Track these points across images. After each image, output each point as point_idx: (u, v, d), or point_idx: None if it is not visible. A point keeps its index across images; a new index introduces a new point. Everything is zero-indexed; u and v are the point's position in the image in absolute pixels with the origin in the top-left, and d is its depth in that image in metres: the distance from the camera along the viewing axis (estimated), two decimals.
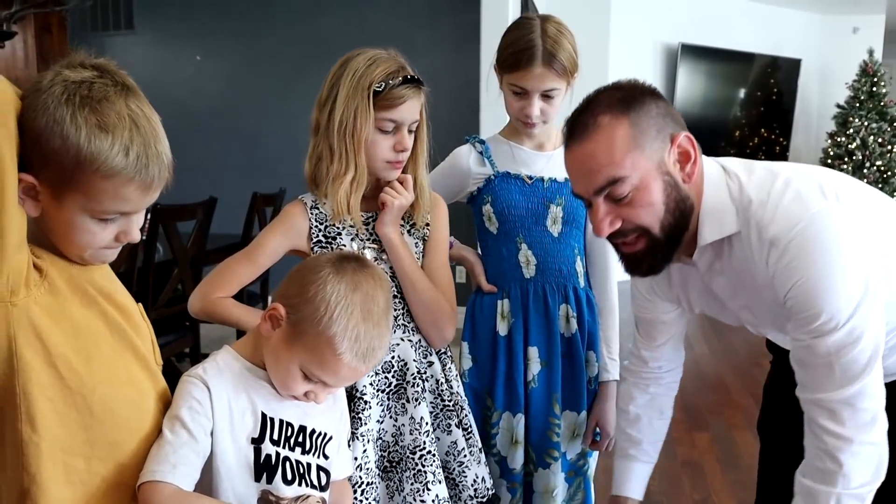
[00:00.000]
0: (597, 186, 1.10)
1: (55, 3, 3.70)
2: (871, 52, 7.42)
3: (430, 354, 1.45)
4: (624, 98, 1.12)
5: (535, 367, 1.63)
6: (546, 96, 1.55)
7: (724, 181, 1.17)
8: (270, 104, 5.14)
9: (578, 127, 1.12)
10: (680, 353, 1.50)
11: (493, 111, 1.75)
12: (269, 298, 1.46)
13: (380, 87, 1.32)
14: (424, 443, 1.37)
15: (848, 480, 1.09)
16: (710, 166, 1.20)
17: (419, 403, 1.39)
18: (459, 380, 1.52)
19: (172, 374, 1.06)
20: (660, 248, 1.14)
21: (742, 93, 7.43)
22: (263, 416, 1.06)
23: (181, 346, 3.29)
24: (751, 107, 7.48)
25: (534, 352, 1.63)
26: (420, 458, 1.37)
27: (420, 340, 1.43)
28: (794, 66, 7.55)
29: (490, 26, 4.11)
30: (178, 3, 5.26)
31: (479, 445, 1.49)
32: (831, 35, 7.66)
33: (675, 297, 1.38)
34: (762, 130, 7.63)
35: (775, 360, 1.59)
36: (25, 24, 5.16)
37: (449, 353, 1.50)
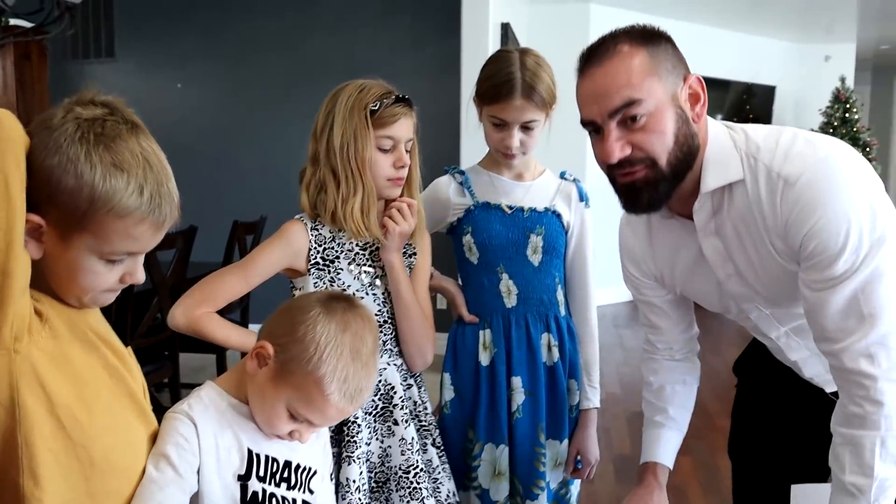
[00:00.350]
0: (613, 107, 1.10)
1: (36, 31, 3.69)
2: (843, 80, 7.59)
3: (409, 377, 1.50)
4: (643, 33, 1.14)
5: (519, 397, 1.64)
6: (525, 128, 1.57)
7: (727, 133, 1.19)
8: (252, 132, 5.15)
9: (597, 52, 1.13)
10: (691, 342, 1.50)
11: (475, 139, 1.77)
12: (259, 333, 1.45)
13: (375, 107, 1.37)
14: (417, 461, 1.42)
15: (891, 420, 1.08)
16: (713, 123, 1.21)
17: (408, 425, 1.44)
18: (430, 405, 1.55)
19: (153, 406, 1.05)
20: (662, 181, 1.13)
21: (719, 118, 7.51)
22: (250, 452, 1.05)
23: (160, 377, 3.26)
24: None
25: (517, 381, 1.64)
26: (414, 476, 1.42)
27: (402, 364, 1.48)
28: (769, 92, 7.68)
29: (470, 56, 4.16)
30: (159, 31, 5.27)
31: (447, 461, 1.55)
32: (805, 63, 7.81)
33: (658, 273, 1.38)
34: None
35: (741, 384, 1.60)
36: (5, 51, 5.13)
37: (420, 376, 1.54)
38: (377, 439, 1.43)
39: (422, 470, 1.43)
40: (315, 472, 1.13)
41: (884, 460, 1.09)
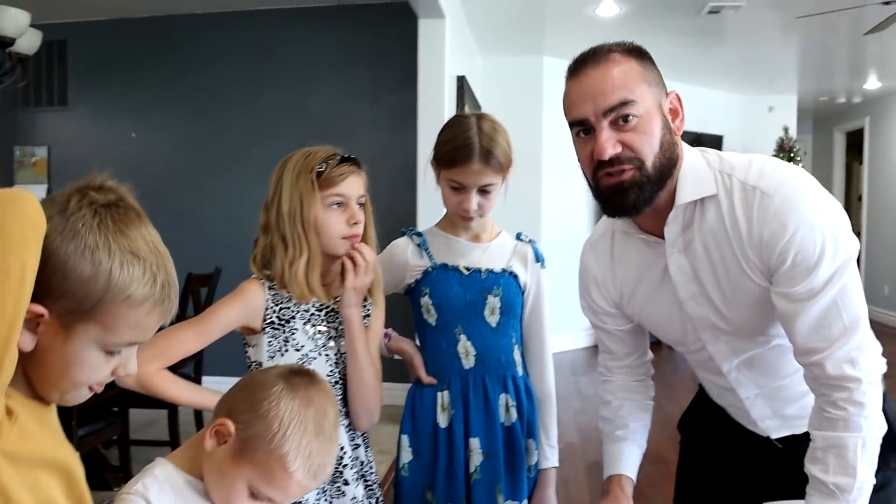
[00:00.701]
0: (608, 105, 1.15)
1: None
2: (786, 130, 7.91)
3: (357, 437, 1.49)
4: (631, 47, 1.21)
5: (476, 459, 1.63)
6: (483, 191, 1.60)
7: (700, 154, 1.26)
8: (208, 183, 5.12)
9: (592, 58, 1.19)
10: (646, 366, 1.54)
11: (432, 193, 1.80)
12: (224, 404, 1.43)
13: (322, 168, 1.40)
14: None
15: (871, 422, 1.13)
16: (686, 145, 1.26)
17: (357, 484, 1.45)
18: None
19: (100, 464, 1.01)
20: (648, 184, 1.17)
21: None
22: None
23: (109, 434, 3.16)
24: None
25: (475, 443, 1.63)
26: None
27: (350, 424, 1.46)
28: (717, 141, 7.94)
29: (426, 109, 4.21)
30: (114, 80, 5.24)
31: None
32: (750, 113, 8.11)
33: (618, 298, 1.41)
34: None
35: (685, 440, 1.62)
36: None
37: (367, 434, 1.54)
38: (325, 500, 1.43)
39: None
40: None
41: (864, 461, 1.13)
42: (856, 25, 5.29)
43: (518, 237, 1.74)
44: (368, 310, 1.50)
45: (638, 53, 1.20)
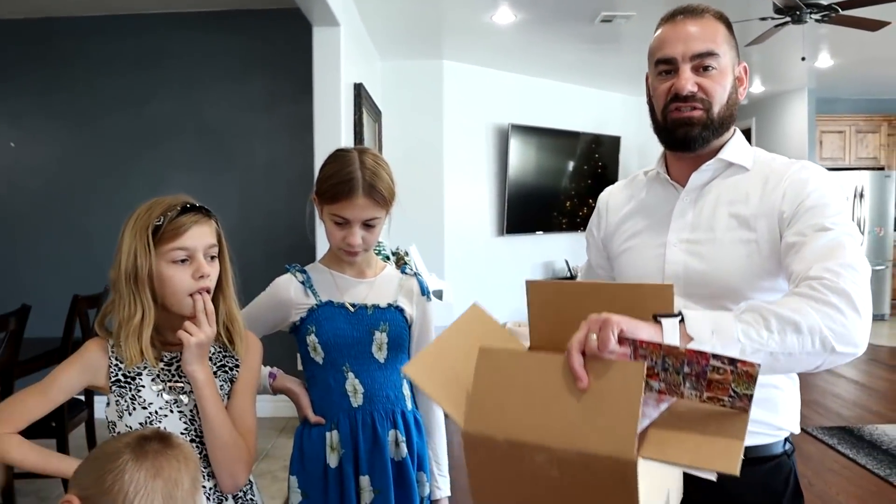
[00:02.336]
0: (697, 51, 1.30)
1: None
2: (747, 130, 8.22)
3: (225, 500, 1.40)
4: (723, 16, 1.37)
5: (367, 497, 1.62)
6: (367, 225, 1.58)
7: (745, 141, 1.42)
8: (95, 196, 4.88)
9: (691, 11, 1.35)
10: None
11: None
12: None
13: (159, 222, 1.32)
14: None
15: (838, 314, 1.04)
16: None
17: None
18: None
19: None
20: (709, 126, 1.32)
21: (571, 165, 7.91)
22: None
23: None
24: (579, 178, 7.97)
25: (365, 481, 1.62)
26: None
27: (215, 486, 1.38)
28: (615, 142, 8.17)
29: (322, 118, 4.15)
30: None
31: None
32: (646, 115, 8.27)
33: (613, 230, 1.51)
34: (590, 200, 8.13)
35: None
36: None
37: (250, 496, 1.46)
38: None
39: None
40: None
41: (810, 320, 1.04)
42: (740, 37, 5.53)
43: (403, 271, 1.73)
44: (234, 369, 1.44)
45: (726, 21, 1.36)
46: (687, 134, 1.32)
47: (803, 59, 5.90)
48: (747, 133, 9.71)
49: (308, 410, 1.64)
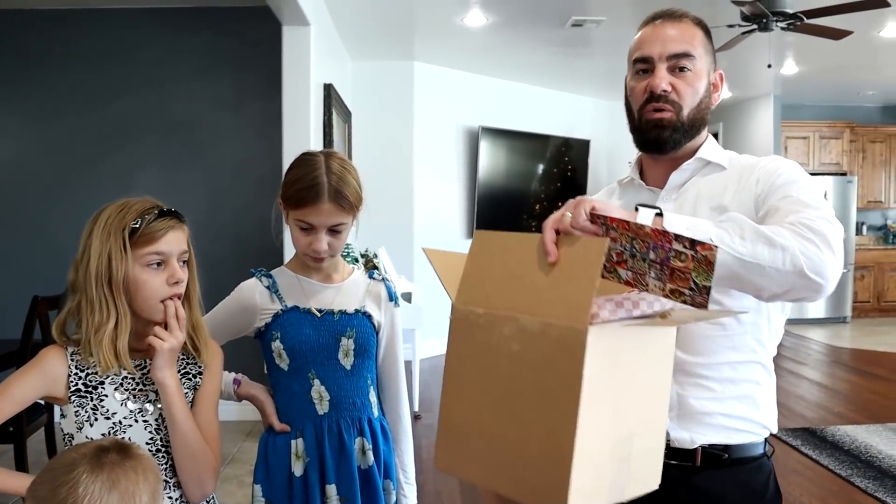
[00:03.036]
0: (673, 51, 1.34)
1: None
2: (715, 134, 8.26)
3: None
4: (702, 22, 1.40)
5: None
6: (333, 231, 1.56)
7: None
8: (60, 193, 4.77)
9: (672, 14, 1.38)
10: None
11: None
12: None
13: (136, 224, 1.28)
14: None
15: (811, 247, 1.06)
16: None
17: None
18: None
19: None
20: (680, 128, 1.35)
21: (540, 168, 7.94)
22: None
23: None
24: (549, 181, 8.00)
25: (332, 490, 1.59)
26: None
27: (181, 496, 1.35)
28: (584, 145, 8.21)
29: (291, 117, 4.11)
30: None
31: None
32: (616, 118, 8.39)
33: None
34: (559, 203, 8.14)
35: None
36: None
37: (212, 498, 1.43)
38: None
39: None
40: None
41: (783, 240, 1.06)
42: None
43: (371, 276, 1.71)
44: (197, 376, 1.41)
45: (704, 27, 1.40)
46: (659, 136, 1.35)
47: (769, 65, 5.99)
48: (714, 138, 9.83)
49: (273, 418, 1.61)
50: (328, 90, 4.65)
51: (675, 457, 1.29)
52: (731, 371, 1.30)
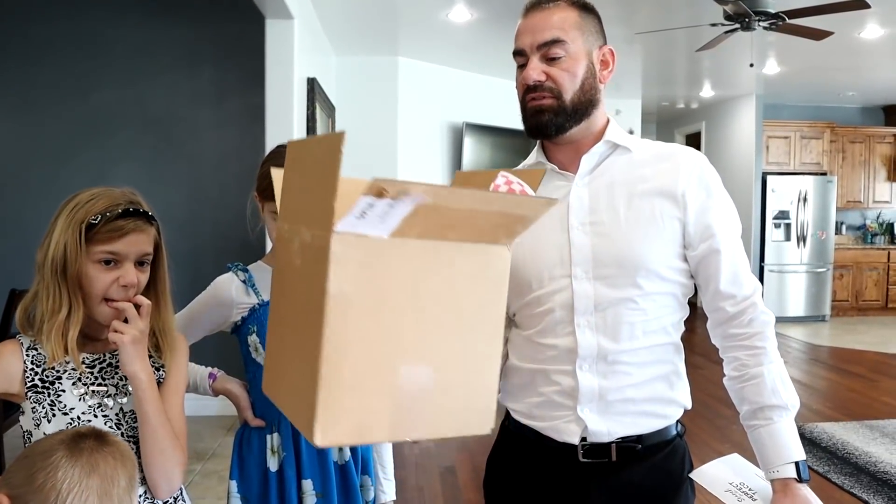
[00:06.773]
0: (542, 41, 1.32)
1: None
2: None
3: None
4: (579, 2, 1.37)
5: (309, 501, 1.58)
6: None
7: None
8: (35, 188, 4.71)
9: (541, 2, 1.35)
10: None
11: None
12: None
13: (95, 220, 1.24)
14: None
15: (773, 351, 1.34)
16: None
17: None
18: None
19: None
20: (563, 113, 1.34)
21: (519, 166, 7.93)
22: None
23: None
24: None
25: (308, 485, 1.58)
26: None
27: (146, 492, 1.29)
28: None
29: (274, 111, 4.08)
30: None
31: None
32: None
33: None
34: None
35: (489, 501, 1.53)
36: None
37: (181, 502, 1.39)
38: None
39: None
40: None
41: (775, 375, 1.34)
42: (691, 42, 5.64)
43: None
44: (160, 370, 1.36)
45: (582, 6, 1.36)
46: (539, 121, 1.35)
47: (752, 65, 6.02)
48: (697, 137, 9.90)
49: (248, 412, 1.59)
50: (312, 84, 4.62)
51: (592, 454, 1.33)
52: (649, 354, 1.34)
